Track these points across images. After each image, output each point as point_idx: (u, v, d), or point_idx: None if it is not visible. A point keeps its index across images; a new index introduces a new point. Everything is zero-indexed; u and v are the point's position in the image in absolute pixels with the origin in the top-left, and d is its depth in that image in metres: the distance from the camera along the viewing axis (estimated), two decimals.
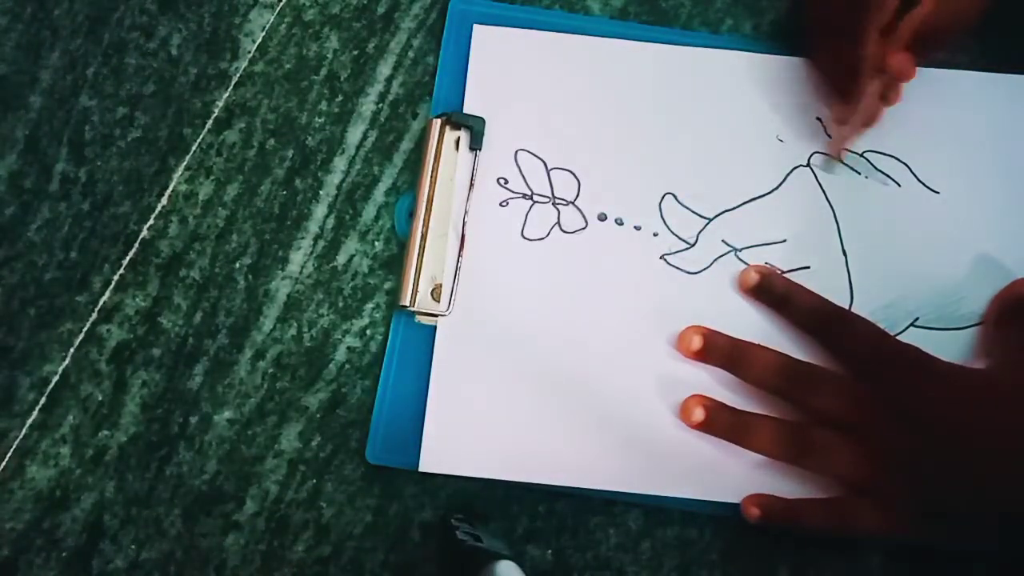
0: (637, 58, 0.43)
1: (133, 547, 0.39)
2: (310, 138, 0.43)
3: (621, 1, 0.44)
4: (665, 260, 0.41)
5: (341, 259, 0.42)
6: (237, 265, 0.42)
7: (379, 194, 0.42)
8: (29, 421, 0.40)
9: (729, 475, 0.39)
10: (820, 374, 0.39)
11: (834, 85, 0.41)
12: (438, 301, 0.41)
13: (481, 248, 0.41)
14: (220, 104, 0.43)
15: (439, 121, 0.42)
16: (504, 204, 0.42)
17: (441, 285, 0.41)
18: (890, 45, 0.38)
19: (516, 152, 0.42)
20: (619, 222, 0.42)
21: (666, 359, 0.40)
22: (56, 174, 0.42)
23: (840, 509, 0.38)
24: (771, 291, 0.40)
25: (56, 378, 0.41)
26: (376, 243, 0.42)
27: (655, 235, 0.42)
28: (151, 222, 0.42)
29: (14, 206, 0.42)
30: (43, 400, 0.40)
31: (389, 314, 0.41)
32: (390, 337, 0.41)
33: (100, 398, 0.40)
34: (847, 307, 0.40)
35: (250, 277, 0.42)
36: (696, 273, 0.41)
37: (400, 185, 0.43)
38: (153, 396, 0.40)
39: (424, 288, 0.41)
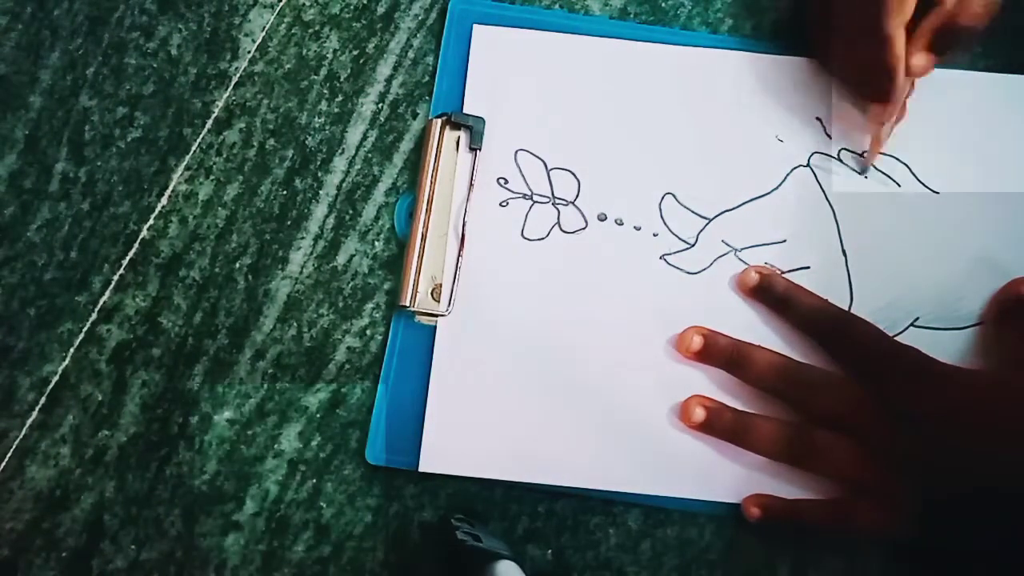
0: (637, 58, 0.43)
1: (133, 547, 0.39)
2: (310, 138, 0.43)
3: (621, 1, 0.44)
4: (665, 260, 0.41)
5: (341, 259, 0.42)
6: (237, 265, 0.42)
7: (379, 194, 0.42)
8: (29, 421, 0.40)
9: (729, 475, 0.39)
10: (820, 375, 0.39)
11: (867, 87, 0.40)
12: (438, 301, 0.41)
13: (481, 248, 0.41)
14: (220, 104, 0.43)
15: (439, 121, 0.42)
16: (504, 204, 0.42)
17: (441, 285, 0.41)
18: (911, 45, 0.38)
19: (516, 152, 0.42)
20: (619, 222, 0.42)
21: (666, 359, 0.40)
22: (56, 174, 0.42)
23: (840, 509, 0.38)
24: (771, 292, 0.40)
25: (56, 378, 0.41)
26: (376, 243, 0.42)
27: (655, 235, 0.42)
28: (151, 222, 0.42)
29: (14, 206, 0.42)
30: (43, 400, 0.40)
31: (389, 314, 0.41)
32: (390, 337, 0.41)
33: (100, 398, 0.40)
34: (847, 307, 0.40)
35: (250, 277, 0.42)
36: (696, 273, 0.41)
37: (400, 185, 0.43)
38: (153, 396, 0.41)
39: (424, 288, 0.41)
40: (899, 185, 0.42)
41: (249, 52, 0.43)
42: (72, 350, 0.41)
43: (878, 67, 0.38)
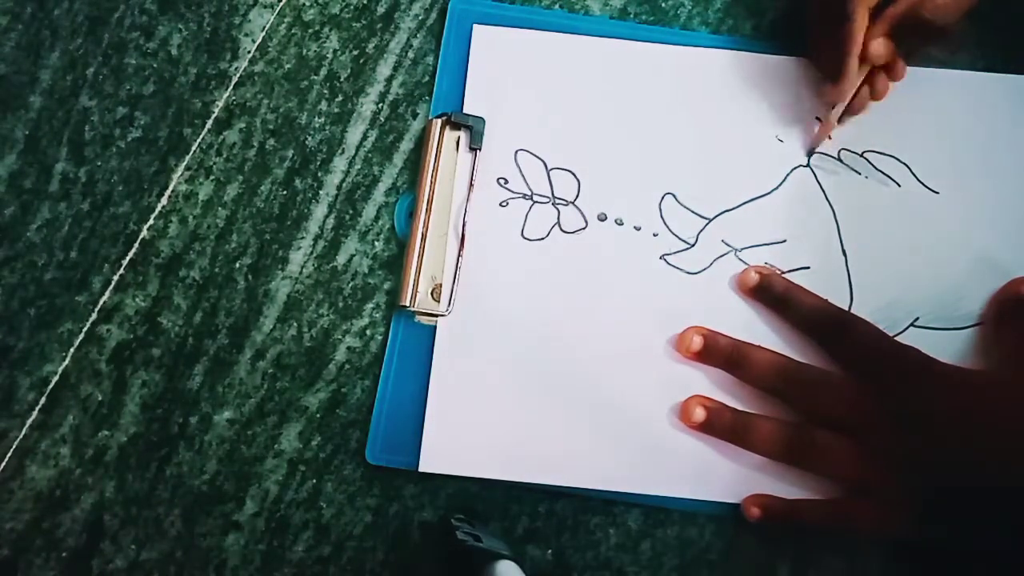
0: (637, 58, 0.43)
1: (133, 547, 0.39)
2: (310, 138, 0.43)
3: (621, 1, 0.44)
4: (665, 260, 0.41)
5: (341, 259, 0.42)
6: (237, 265, 0.42)
7: (379, 194, 0.42)
8: (29, 421, 0.40)
9: (729, 475, 0.39)
10: (820, 375, 0.39)
11: (826, 67, 0.41)
12: (438, 301, 0.41)
13: (481, 248, 0.41)
14: (220, 104, 0.43)
15: (439, 121, 0.42)
16: (504, 204, 0.42)
17: (441, 285, 0.41)
18: (872, 29, 0.38)
19: (516, 152, 0.42)
20: (619, 222, 0.42)
21: (666, 359, 0.40)
22: (56, 174, 0.42)
23: (840, 509, 0.38)
24: (771, 292, 0.40)
25: (56, 378, 0.41)
26: (376, 243, 0.42)
27: (655, 235, 0.42)
28: (151, 222, 0.42)
29: (14, 206, 0.42)
30: (43, 400, 0.40)
31: (389, 314, 0.41)
32: (390, 337, 0.41)
33: (100, 398, 0.40)
34: (847, 307, 0.40)
35: (250, 277, 0.42)
36: (696, 273, 0.41)
37: (400, 185, 0.43)
38: (153, 396, 0.41)
39: (424, 288, 0.41)
40: (899, 185, 0.42)
41: (249, 52, 0.43)
42: (72, 350, 0.41)
43: (835, 48, 0.39)
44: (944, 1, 0.37)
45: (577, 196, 0.42)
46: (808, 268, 0.41)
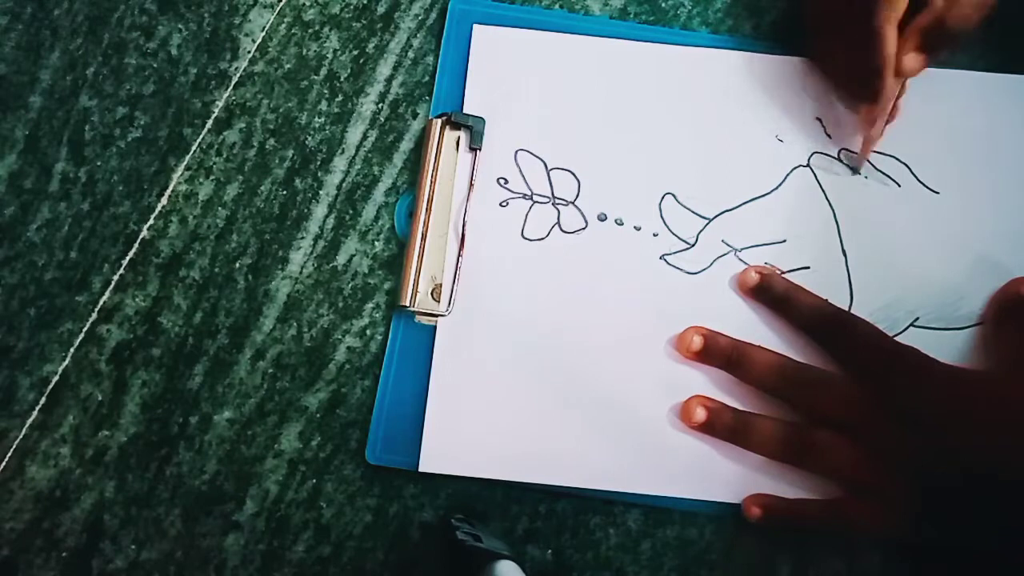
0: (637, 58, 0.43)
1: (133, 547, 0.39)
2: (310, 138, 0.43)
3: (621, 1, 0.44)
4: (665, 260, 0.41)
5: (341, 259, 0.42)
6: (237, 265, 0.42)
7: (379, 194, 0.42)
8: (29, 421, 0.40)
9: (729, 475, 0.39)
10: (819, 375, 0.39)
11: (858, 87, 0.41)
12: (438, 301, 0.41)
13: (481, 248, 0.41)
14: (220, 104, 0.43)
15: (439, 121, 0.42)
16: (504, 204, 0.42)
17: (441, 285, 0.41)
18: (902, 45, 0.38)
19: (516, 152, 0.42)
20: (619, 222, 0.42)
21: (666, 359, 0.40)
22: (56, 174, 0.42)
23: (840, 509, 0.38)
24: (771, 292, 0.40)
25: (56, 378, 0.41)
26: (376, 243, 0.42)
27: (655, 235, 0.42)
28: (151, 222, 0.42)
29: (14, 206, 0.42)
30: (43, 400, 0.40)
31: (389, 314, 0.41)
32: (390, 337, 0.41)
33: (100, 398, 0.40)
34: (847, 307, 0.40)
35: (250, 277, 0.42)
36: (696, 273, 0.41)
37: (400, 185, 0.43)
38: (153, 396, 0.41)
39: (424, 288, 0.41)
40: (899, 185, 0.42)
41: (249, 52, 0.43)
42: (72, 350, 0.41)
43: (868, 66, 0.38)
44: (967, 11, 0.37)
45: (577, 196, 0.42)
46: (808, 268, 0.41)
